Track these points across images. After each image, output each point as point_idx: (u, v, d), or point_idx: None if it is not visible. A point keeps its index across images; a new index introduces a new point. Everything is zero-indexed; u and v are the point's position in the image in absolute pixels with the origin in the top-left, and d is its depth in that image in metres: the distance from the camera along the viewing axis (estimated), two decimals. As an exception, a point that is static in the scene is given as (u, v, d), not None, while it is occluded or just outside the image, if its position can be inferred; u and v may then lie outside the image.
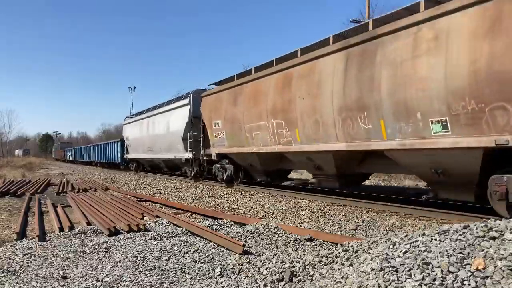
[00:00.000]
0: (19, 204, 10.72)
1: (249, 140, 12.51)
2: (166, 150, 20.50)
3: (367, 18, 20.88)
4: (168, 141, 19.90)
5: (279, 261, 4.38)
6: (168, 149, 20.13)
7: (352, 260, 3.98)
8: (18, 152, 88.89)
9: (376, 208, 9.02)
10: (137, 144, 25.66)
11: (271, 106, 11.15)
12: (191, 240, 5.91)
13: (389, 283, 2.98)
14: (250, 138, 12.42)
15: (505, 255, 2.87)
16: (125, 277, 4.15)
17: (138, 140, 25.42)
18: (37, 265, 4.66)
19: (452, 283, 2.78)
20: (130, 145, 27.50)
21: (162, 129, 20.78)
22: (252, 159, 13.00)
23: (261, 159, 12.58)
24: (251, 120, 12.20)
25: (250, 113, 12.25)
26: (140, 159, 26.36)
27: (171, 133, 19.44)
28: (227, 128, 13.76)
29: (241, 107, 12.73)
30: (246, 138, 12.63)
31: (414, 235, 3.73)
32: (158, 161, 22.88)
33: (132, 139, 26.72)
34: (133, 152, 27.15)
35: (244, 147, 12.93)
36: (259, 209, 9.46)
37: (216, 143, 14.74)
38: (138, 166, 28.19)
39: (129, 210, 8.87)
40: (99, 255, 5.11)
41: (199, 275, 4.31)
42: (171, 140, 19.40)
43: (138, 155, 26.14)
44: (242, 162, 14.08)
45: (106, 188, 15.41)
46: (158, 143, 21.47)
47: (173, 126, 19.32)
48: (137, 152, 26.17)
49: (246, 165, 13.94)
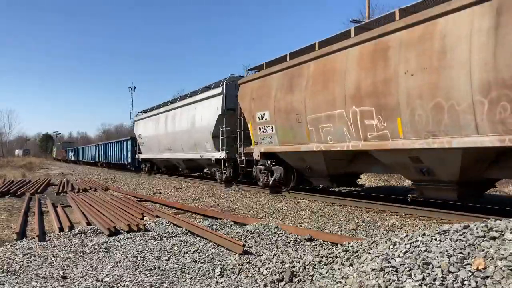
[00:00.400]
0: (19, 204, 10.72)
1: (312, 135, 9.91)
2: (189, 149, 17.94)
3: (367, 18, 20.87)
4: (192, 138, 17.25)
5: (279, 261, 4.38)
6: (192, 147, 17.50)
7: (352, 260, 3.98)
8: (18, 152, 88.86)
9: (376, 208, 9.01)
10: (152, 143, 22.69)
11: (352, 88, 8.50)
12: (191, 240, 5.91)
13: (389, 283, 2.98)
14: (314, 132, 9.82)
15: (505, 255, 2.87)
16: (125, 277, 4.15)
17: (153, 138, 22.43)
18: (37, 265, 4.66)
19: (452, 283, 2.78)
20: (143, 144, 24.37)
21: (185, 124, 17.92)
22: (314, 160, 10.46)
23: (328, 160, 10.07)
24: (316, 109, 9.56)
25: (315, 100, 9.59)
26: (155, 159, 23.47)
27: (197, 129, 16.66)
28: (277, 121, 11.20)
29: (301, 93, 10.07)
30: (309, 133, 9.99)
31: (414, 235, 3.72)
32: (178, 161, 20.33)
33: (146, 137, 23.62)
34: (147, 151, 24.17)
35: (304, 144, 10.28)
36: (259, 209, 9.46)
37: (261, 139, 12.24)
38: (151, 167, 25.23)
39: (129, 210, 8.87)
40: (99, 255, 5.11)
41: (199, 275, 4.31)
42: (197, 137, 16.74)
43: (152, 154, 23.20)
44: (296, 163, 11.41)
45: (106, 188, 15.41)
46: (179, 141, 18.77)
47: (200, 121, 16.52)
48: (152, 152, 23.22)
49: (302, 167, 11.26)
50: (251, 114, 12.48)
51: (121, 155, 30.84)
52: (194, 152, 17.52)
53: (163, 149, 21.09)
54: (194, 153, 17.47)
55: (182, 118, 18.32)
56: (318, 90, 9.57)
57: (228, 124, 14.55)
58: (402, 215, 8.17)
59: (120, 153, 31.26)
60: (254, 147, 12.61)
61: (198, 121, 16.71)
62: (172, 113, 19.73)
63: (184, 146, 18.40)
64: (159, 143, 21.45)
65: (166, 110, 20.67)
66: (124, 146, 30.12)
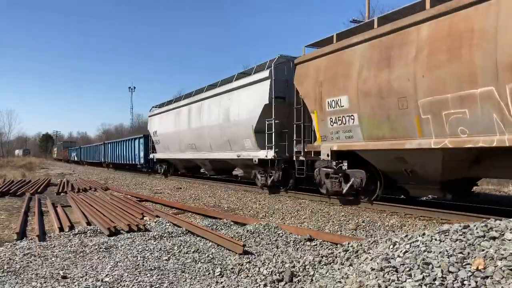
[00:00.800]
0: (19, 204, 10.72)
1: (427, 126, 7.31)
2: (219, 147, 15.22)
3: (367, 18, 20.88)
4: (226, 134, 14.51)
5: (279, 261, 4.38)
6: (225, 145, 14.81)
7: (352, 260, 3.98)
8: (18, 152, 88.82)
9: (376, 208, 9.01)
10: (170, 141, 19.94)
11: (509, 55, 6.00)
12: (191, 240, 5.91)
13: (389, 283, 2.98)
14: (431, 122, 7.23)
15: (505, 255, 2.87)
16: (125, 277, 4.15)
17: (171, 135, 19.62)
18: (37, 265, 4.66)
19: (452, 283, 2.78)
20: (159, 142, 21.54)
21: (216, 118, 15.10)
22: (423, 160, 7.84)
23: (445, 161, 7.47)
24: (438, 88, 7.00)
25: (435, 76, 7.04)
26: (174, 159, 20.69)
27: (234, 123, 13.87)
28: (362, 109, 8.54)
29: (406, 68, 7.53)
30: (420, 123, 7.41)
31: (414, 235, 3.72)
32: (203, 162, 17.59)
33: (163, 134, 20.80)
34: (163, 150, 21.31)
35: (410, 140, 7.67)
36: (259, 209, 9.46)
37: (333, 134, 9.38)
38: (168, 169, 22.35)
39: (129, 210, 8.87)
40: (99, 255, 5.11)
41: (199, 275, 4.31)
42: (233, 133, 13.98)
43: (170, 154, 20.43)
44: (388, 165, 8.67)
45: (106, 188, 15.41)
46: (207, 138, 16.02)
47: (237, 113, 13.70)
48: (169, 151, 20.45)
49: (396, 170, 8.55)
50: (316, 102, 9.68)
51: (132, 155, 28.03)
52: (227, 151, 14.79)
53: (185, 147, 18.40)
54: (227, 152, 14.73)
55: (212, 111, 15.46)
56: (441, 61, 6.92)
57: (278, 116, 11.81)
58: (402, 215, 8.17)
59: (130, 153, 28.47)
60: (321, 144, 9.75)
61: (234, 114, 13.87)
62: (197, 105, 16.83)
63: (213, 144, 15.71)
64: (180, 141, 18.74)
65: (189, 102, 17.79)
66: (135, 145, 27.25)
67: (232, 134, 14.11)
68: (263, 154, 12.42)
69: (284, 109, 11.77)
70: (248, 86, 13.25)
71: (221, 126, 14.76)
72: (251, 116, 12.83)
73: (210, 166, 17.42)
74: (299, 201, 10.76)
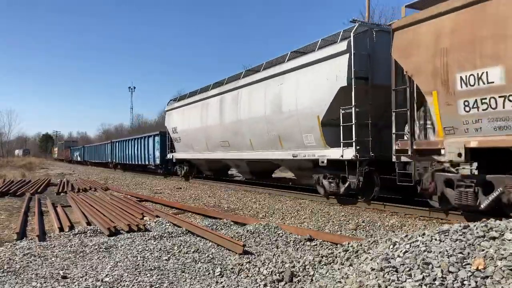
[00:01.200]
0: (19, 204, 10.72)
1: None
2: (265, 145, 12.16)
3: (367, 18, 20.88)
4: (276, 128, 11.43)
5: (279, 261, 4.38)
6: (274, 143, 11.72)
7: (352, 260, 3.98)
8: (18, 152, 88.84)
9: (376, 208, 9.01)
10: (195, 138, 16.90)
11: None
12: (191, 240, 5.91)
13: (389, 283, 2.98)
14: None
15: (505, 255, 2.87)
16: (125, 277, 4.15)
17: (196, 132, 16.63)
18: (37, 265, 4.66)
19: (452, 283, 2.78)
20: (180, 140, 18.56)
21: (260, 109, 11.97)
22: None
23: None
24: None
25: None
26: (197, 159, 17.63)
27: (289, 115, 10.78)
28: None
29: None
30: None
31: (414, 235, 3.73)
32: (237, 163, 14.68)
33: (185, 130, 17.79)
34: (185, 149, 18.34)
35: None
36: (259, 209, 9.46)
37: (471, 124, 6.58)
38: (190, 170, 19.18)
39: (129, 210, 8.87)
40: (99, 255, 5.11)
41: (199, 275, 4.31)
42: (287, 126, 10.98)
43: (194, 154, 17.41)
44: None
45: (106, 188, 15.42)
46: (247, 134, 12.87)
47: (293, 102, 10.63)
48: (193, 150, 17.42)
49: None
50: (437, 79, 6.96)
51: (145, 155, 24.90)
52: (274, 150, 11.80)
53: (214, 146, 15.38)
54: (277, 151, 11.68)
55: (253, 101, 12.35)
56: None
57: (359, 103, 8.90)
58: (402, 215, 8.18)
59: (143, 152, 25.31)
60: (445, 138, 6.96)
61: (288, 103, 10.79)
62: (232, 95, 13.68)
63: (255, 142, 12.63)
64: (207, 138, 15.74)
65: (220, 92, 14.71)
66: (149, 143, 24.10)
67: (285, 128, 11.02)
68: (336, 154, 9.42)
69: (367, 93, 9.02)
70: (310, 66, 10.16)
71: (268, 119, 11.61)
72: (316, 104, 9.83)
73: (246, 168, 14.25)
74: (299, 201, 10.77)
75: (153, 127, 57.36)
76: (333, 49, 9.53)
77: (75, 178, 21.85)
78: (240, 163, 14.53)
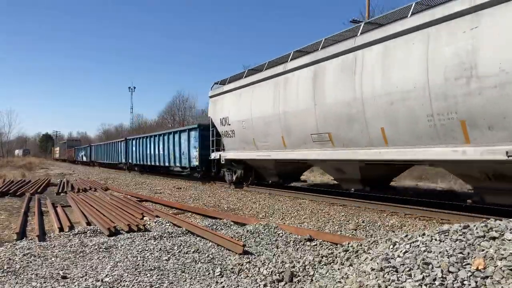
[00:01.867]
0: (19, 204, 10.72)
1: None
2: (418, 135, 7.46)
3: (367, 18, 20.90)
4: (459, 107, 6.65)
5: (279, 261, 4.38)
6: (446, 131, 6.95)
7: (352, 260, 3.98)
8: (18, 152, 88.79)
9: (376, 208, 9.01)
10: (260, 130, 12.26)
11: None
12: (191, 240, 5.91)
13: (389, 283, 2.98)
14: None
15: (505, 255, 2.87)
16: (125, 277, 4.15)
17: (263, 121, 11.96)
18: (37, 265, 4.66)
19: (452, 283, 2.78)
20: (234, 134, 13.72)
21: (416, 76, 7.25)
22: None
23: None
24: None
25: None
26: (263, 160, 12.75)
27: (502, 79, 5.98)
28: None
29: None
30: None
31: (414, 235, 3.73)
32: (344, 167, 9.94)
33: (243, 120, 12.99)
34: (242, 146, 13.45)
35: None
36: (259, 209, 9.46)
37: None
38: (245, 175, 14.39)
39: (129, 210, 8.87)
40: (99, 255, 5.11)
41: (199, 275, 4.31)
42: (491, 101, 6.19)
43: (257, 152, 12.69)
44: None
45: (106, 188, 15.41)
46: (374, 119, 8.24)
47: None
48: (254, 147, 12.74)
49: None
50: None
51: (175, 154, 20.02)
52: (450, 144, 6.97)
53: (298, 140, 10.71)
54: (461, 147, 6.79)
55: (398, 64, 7.68)
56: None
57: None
58: (402, 215, 8.18)
59: (172, 151, 20.42)
60: None
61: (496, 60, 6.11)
62: (342, 62, 9.05)
63: (391, 132, 7.99)
64: (287, 129, 11.02)
65: (312, 61, 10.02)
66: (182, 140, 19.21)
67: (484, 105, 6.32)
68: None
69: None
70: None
71: (437, 91, 6.95)
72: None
73: (357, 173, 9.68)
74: (299, 201, 10.77)
75: (153, 127, 57.28)
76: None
77: (75, 178, 21.85)
78: (345, 168, 9.94)
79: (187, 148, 18.43)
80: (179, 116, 57.96)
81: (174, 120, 57.40)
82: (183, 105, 58.65)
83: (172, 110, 59.70)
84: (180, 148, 19.40)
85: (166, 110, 61.74)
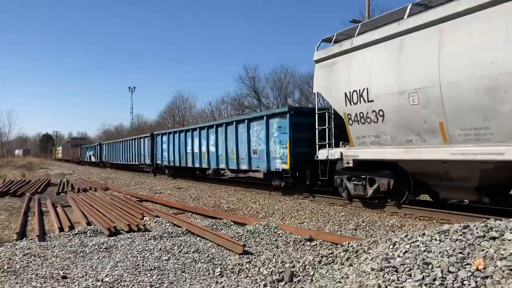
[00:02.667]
0: (19, 204, 10.72)
1: None
2: None
3: (367, 18, 20.89)
4: None
5: (279, 261, 4.38)
6: None
7: (352, 260, 3.98)
8: (18, 152, 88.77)
9: (376, 208, 9.00)
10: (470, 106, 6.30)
11: None
12: (191, 240, 5.91)
13: (389, 283, 2.98)
14: None
15: (505, 255, 2.87)
16: (125, 277, 4.16)
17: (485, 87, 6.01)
18: (37, 265, 4.66)
19: (452, 283, 2.78)
20: (382, 116, 7.91)
21: None
22: None
23: None
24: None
25: None
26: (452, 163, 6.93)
27: None
28: None
29: None
30: None
31: (414, 235, 3.73)
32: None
33: (410, 92, 7.18)
34: (400, 135, 7.70)
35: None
36: (259, 209, 9.46)
37: None
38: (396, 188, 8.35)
39: (129, 210, 8.87)
40: (99, 255, 5.11)
41: (199, 275, 4.31)
42: None
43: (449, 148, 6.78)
44: None
45: (106, 188, 15.41)
46: None
47: None
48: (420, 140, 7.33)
49: None
50: None
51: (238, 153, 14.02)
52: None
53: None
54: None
55: None
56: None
57: None
58: (402, 215, 8.17)
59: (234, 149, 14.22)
60: None
61: None
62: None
63: None
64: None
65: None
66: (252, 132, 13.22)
67: None
68: None
69: None
70: None
71: None
72: None
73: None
74: (299, 201, 10.76)
75: (153, 127, 57.15)
76: None
77: (75, 178, 21.85)
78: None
79: (265, 143, 12.37)
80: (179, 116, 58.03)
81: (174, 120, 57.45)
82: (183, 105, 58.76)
83: (172, 110, 59.78)
84: (249, 144, 13.30)
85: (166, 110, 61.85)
